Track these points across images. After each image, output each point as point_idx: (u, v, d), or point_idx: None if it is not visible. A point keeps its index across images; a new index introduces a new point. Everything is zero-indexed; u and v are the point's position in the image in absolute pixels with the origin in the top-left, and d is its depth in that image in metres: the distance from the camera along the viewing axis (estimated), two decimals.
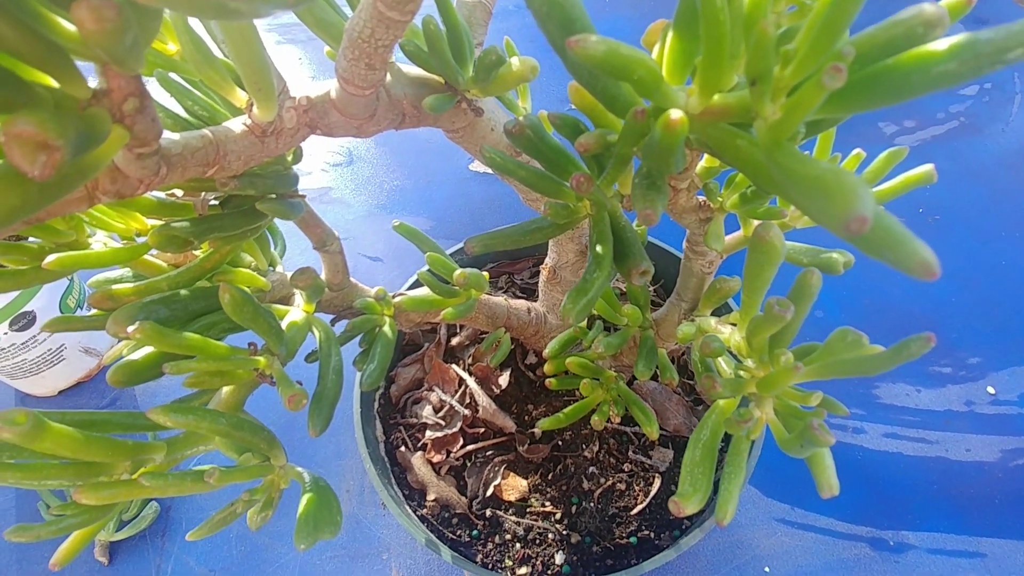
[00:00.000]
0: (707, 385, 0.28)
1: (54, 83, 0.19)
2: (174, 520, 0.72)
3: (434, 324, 0.58)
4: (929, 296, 0.85)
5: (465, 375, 0.54)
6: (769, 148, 0.20)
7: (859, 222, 0.13)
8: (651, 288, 0.63)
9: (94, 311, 0.35)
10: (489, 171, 1.04)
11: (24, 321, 0.71)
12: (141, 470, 0.32)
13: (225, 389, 0.36)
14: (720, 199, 0.37)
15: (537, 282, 0.63)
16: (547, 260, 0.51)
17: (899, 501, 0.68)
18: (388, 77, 0.34)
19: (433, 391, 0.54)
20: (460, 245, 0.64)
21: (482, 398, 0.52)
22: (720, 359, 0.40)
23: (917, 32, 0.19)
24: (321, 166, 1.10)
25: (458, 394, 0.54)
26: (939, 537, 0.65)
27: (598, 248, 0.29)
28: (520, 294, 0.64)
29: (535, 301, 0.55)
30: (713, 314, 0.45)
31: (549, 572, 0.47)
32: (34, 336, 0.74)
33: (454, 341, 0.58)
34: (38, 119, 0.16)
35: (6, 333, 0.71)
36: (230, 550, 0.69)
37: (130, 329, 0.29)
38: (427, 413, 0.53)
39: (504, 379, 0.54)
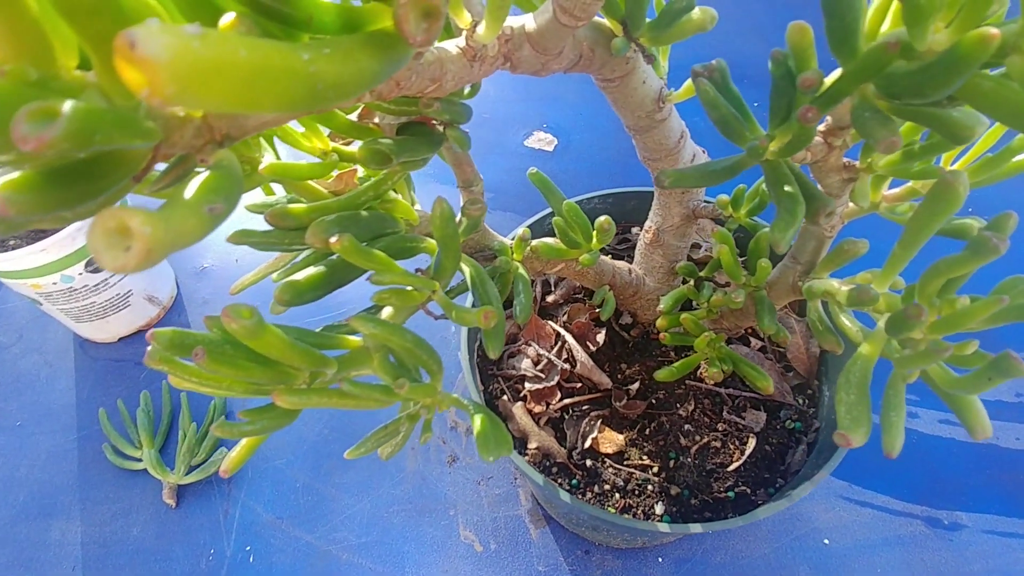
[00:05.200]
0: (885, 312, 0.30)
1: None
2: (241, 467, 0.72)
3: (543, 276, 0.60)
4: None
5: (563, 331, 0.55)
6: None
7: None
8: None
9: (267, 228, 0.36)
10: (546, 148, 1.05)
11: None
12: (313, 384, 0.33)
13: (384, 313, 0.37)
14: (869, 160, 0.38)
15: (624, 248, 0.64)
16: (649, 223, 0.53)
17: (953, 483, 0.70)
18: None
19: (530, 346, 0.56)
20: (531, 221, 0.62)
21: (580, 354, 0.54)
22: (843, 316, 0.42)
23: None
24: None
25: (555, 349, 0.55)
26: (992, 519, 0.67)
27: (786, 187, 0.31)
28: None
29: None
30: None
31: (649, 521, 0.48)
32: (105, 280, 0.74)
33: (549, 299, 0.59)
34: None
35: (81, 274, 0.71)
36: (297, 499, 0.70)
37: (332, 240, 0.30)
38: (525, 366, 0.54)
39: (601, 337, 0.55)
